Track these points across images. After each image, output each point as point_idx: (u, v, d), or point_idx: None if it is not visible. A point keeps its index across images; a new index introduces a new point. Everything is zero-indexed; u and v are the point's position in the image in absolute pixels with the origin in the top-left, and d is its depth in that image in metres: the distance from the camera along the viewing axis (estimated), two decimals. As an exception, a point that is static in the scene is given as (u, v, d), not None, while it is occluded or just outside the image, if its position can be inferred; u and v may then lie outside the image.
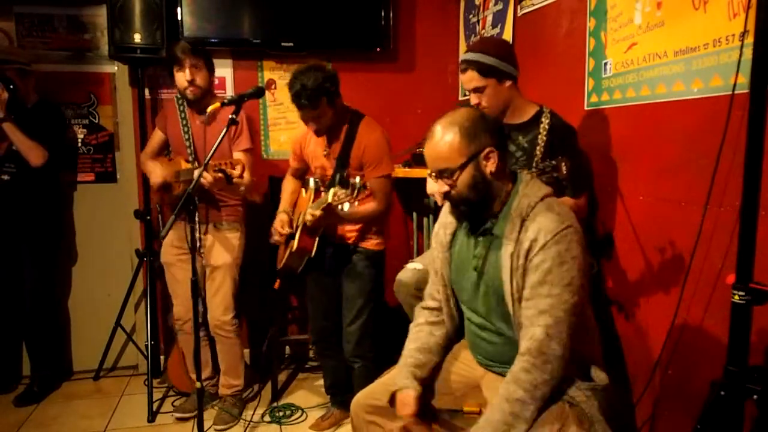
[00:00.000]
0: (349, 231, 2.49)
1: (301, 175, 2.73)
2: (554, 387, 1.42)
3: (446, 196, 1.54)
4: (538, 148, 1.91)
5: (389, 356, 2.99)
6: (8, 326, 3.11)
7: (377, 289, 2.57)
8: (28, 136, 2.85)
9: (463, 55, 2.03)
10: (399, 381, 1.65)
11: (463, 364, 1.71)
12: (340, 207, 2.09)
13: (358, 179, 2.05)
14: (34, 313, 3.05)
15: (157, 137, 2.82)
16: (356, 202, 2.08)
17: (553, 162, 1.68)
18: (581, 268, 1.43)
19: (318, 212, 2.21)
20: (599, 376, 1.54)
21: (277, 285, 2.65)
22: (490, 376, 1.64)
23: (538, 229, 1.43)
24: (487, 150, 1.47)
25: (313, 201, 2.36)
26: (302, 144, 2.63)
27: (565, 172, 1.64)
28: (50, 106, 3.05)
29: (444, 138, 1.48)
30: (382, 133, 2.41)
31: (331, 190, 2.13)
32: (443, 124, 1.50)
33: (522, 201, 1.48)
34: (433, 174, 1.53)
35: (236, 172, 2.28)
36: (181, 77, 2.56)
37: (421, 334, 1.73)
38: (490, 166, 1.48)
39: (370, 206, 2.39)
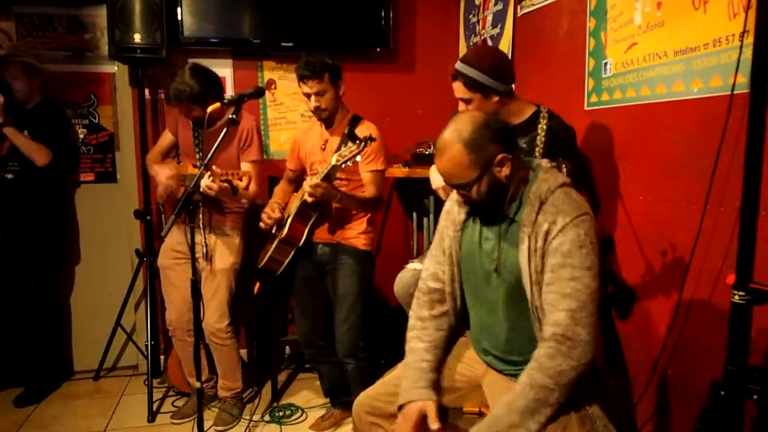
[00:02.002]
0: (338, 229, 2.51)
1: (295, 179, 2.74)
2: (581, 373, 1.38)
3: (465, 201, 1.55)
4: (537, 149, 1.90)
5: (388, 356, 3.02)
6: (10, 326, 3.10)
7: (366, 288, 2.58)
8: (30, 136, 2.86)
9: (456, 64, 1.99)
10: (415, 392, 1.54)
11: (465, 363, 1.70)
12: (344, 165, 2.12)
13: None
14: (37, 313, 3.05)
15: (166, 139, 2.81)
16: (359, 157, 2.12)
17: (554, 164, 1.68)
18: (598, 255, 1.43)
19: (318, 180, 2.21)
20: (600, 375, 1.54)
21: (256, 289, 2.64)
22: (491, 375, 1.63)
23: (556, 211, 1.43)
24: (499, 158, 1.45)
25: None
26: (300, 142, 2.65)
27: (565, 174, 1.63)
28: (52, 106, 3.05)
29: (452, 156, 1.45)
30: (380, 133, 2.46)
31: (334, 155, 2.15)
32: (448, 139, 1.46)
33: (541, 185, 1.48)
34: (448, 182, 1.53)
35: (242, 184, 2.31)
36: None
37: (428, 330, 1.67)
38: (504, 171, 1.47)
39: (364, 193, 2.43)
